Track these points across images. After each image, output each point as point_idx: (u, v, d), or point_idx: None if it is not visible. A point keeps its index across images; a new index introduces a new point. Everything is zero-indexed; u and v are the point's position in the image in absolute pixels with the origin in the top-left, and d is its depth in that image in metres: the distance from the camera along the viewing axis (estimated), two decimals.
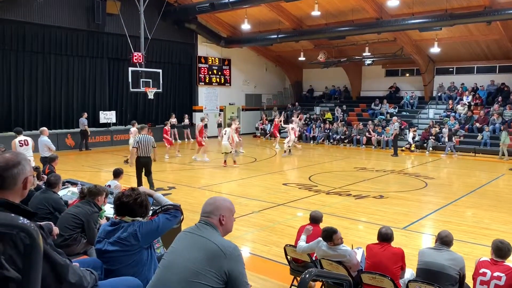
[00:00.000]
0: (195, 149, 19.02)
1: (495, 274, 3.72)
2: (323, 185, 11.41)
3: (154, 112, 22.82)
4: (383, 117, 22.28)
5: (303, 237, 4.90)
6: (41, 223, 2.08)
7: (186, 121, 22.23)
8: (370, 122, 21.37)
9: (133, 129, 14.18)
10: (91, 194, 5.03)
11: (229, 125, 15.08)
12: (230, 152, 14.57)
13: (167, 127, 17.25)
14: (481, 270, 3.80)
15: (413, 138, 19.32)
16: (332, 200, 9.85)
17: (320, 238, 4.59)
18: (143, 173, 10.04)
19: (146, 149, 9.81)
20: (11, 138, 16.54)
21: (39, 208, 5.13)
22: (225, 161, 14.64)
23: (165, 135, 16.99)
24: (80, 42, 19.27)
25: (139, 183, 9.88)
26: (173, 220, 3.23)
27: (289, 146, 17.25)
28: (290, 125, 17.51)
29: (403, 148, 19.05)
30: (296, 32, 21.68)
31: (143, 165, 9.93)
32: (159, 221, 3.13)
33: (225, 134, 14.63)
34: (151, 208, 3.53)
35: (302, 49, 23.94)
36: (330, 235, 4.45)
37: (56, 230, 2.46)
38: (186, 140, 22.01)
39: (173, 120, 22.00)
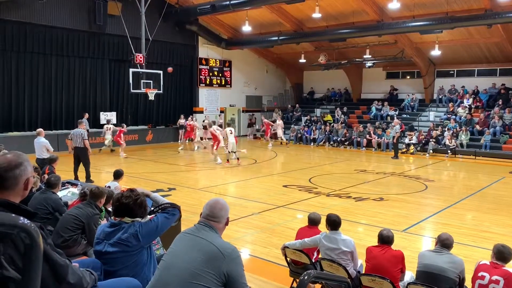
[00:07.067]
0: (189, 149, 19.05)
1: (494, 277, 3.71)
2: (323, 187, 11.40)
3: (154, 113, 22.81)
4: (383, 121, 22.26)
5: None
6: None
7: (182, 121, 21.81)
8: (370, 124, 21.34)
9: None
10: (93, 196, 5.03)
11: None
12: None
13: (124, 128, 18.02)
14: (480, 273, 3.80)
15: (409, 141, 19.28)
16: (332, 202, 9.85)
17: (322, 233, 4.68)
18: (80, 163, 11.55)
19: (76, 140, 11.45)
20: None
21: (39, 208, 5.14)
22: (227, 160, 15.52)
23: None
24: (81, 43, 19.27)
25: (75, 170, 11.41)
26: (171, 218, 3.25)
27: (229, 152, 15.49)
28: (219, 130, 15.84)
29: (403, 150, 19.05)
30: (297, 34, 21.69)
31: (76, 154, 11.56)
32: (158, 220, 3.15)
33: (231, 133, 15.36)
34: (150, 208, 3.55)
35: (303, 51, 23.96)
36: (336, 224, 4.59)
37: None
38: (179, 141, 21.61)
39: (182, 121, 21.72)
